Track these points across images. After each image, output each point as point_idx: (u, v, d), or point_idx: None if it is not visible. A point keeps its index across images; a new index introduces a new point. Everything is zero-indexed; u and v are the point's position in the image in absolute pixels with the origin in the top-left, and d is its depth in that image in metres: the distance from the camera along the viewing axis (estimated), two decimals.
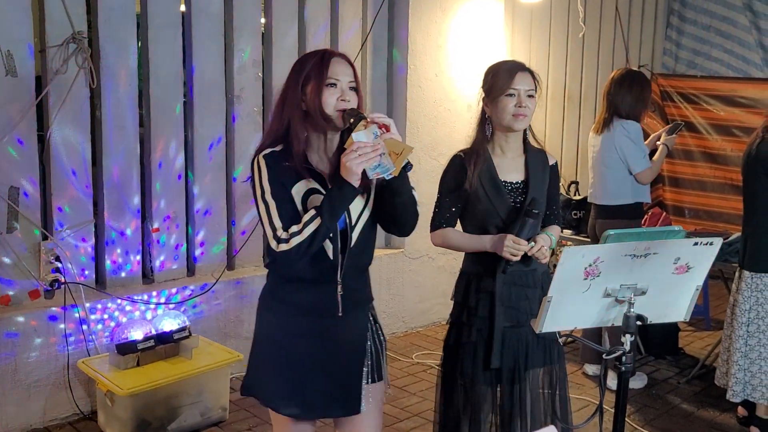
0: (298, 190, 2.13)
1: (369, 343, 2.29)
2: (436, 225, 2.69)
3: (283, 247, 2.05)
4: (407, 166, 2.04)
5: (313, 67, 2.14)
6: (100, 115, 3.85)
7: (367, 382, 2.28)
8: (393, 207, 2.19)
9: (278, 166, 2.12)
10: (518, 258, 2.49)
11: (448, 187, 2.67)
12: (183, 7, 4.14)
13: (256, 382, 2.31)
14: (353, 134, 2.00)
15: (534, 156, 2.69)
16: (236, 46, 4.31)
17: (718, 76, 6.56)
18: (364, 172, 2.01)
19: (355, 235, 2.19)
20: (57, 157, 3.71)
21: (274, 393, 2.25)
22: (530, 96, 2.57)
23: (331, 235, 2.13)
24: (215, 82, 4.27)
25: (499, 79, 2.58)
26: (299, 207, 2.13)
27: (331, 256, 2.16)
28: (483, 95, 2.65)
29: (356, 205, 2.18)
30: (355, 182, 2.03)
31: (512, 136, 2.65)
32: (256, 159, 2.16)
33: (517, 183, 2.64)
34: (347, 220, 2.18)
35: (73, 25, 3.62)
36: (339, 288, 2.19)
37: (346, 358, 2.24)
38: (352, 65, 2.19)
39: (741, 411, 3.76)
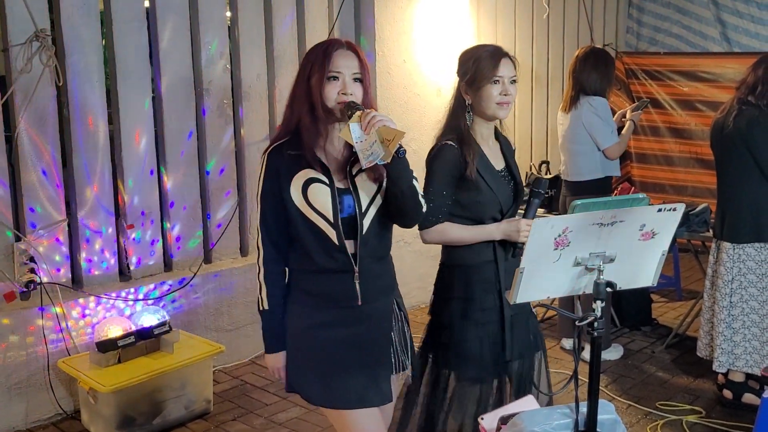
0: (299, 178, 2.12)
1: (393, 332, 2.27)
2: (432, 220, 2.48)
3: (260, 276, 2.22)
4: (399, 151, 2.01)
5: (316, 59, 2.12)
6: (68, 114, 3.83)
7: (392, 373, 2.26)
8: (392, 196, 2.15)
9: (279, 159, 2.13)
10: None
11: (446, 179, 2.47)
12: (147, 3, 4.13)
13: (295, 379, 2.26)
14: (350, 123, 2.03)
15: (505, 142, 2.64)
16: (203, 39, 4.30)
17: (680, 52, 6.68)
18: (358, 160, 2.06)
19: (366, 222, 2.16)
20: (26, 158, 3.68)
21: (310, 387, 2.21)
22: (513, 82, 2.48)
23: (332, 221, 2.12)
24: (183, 76, 4.26)
25: (484, 67, 2.46)
26: (299, 194, 2.12)
27: (336, 242, 2.13)
28: (463, 83, 2.51)
29: (367, 192, 2.16)
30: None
31: (492, 123, 2.57)
32: (263, 155, 2.18)
33: (502, 170, 2.57)
34: (357, 207, 2.15)
35: (36, 22, 3.59)
36: (356, 276, 2.16)
37: (371, 348, 2.22)
38: (357, 55, 2.15)
39: (721, 379, 3.79)
